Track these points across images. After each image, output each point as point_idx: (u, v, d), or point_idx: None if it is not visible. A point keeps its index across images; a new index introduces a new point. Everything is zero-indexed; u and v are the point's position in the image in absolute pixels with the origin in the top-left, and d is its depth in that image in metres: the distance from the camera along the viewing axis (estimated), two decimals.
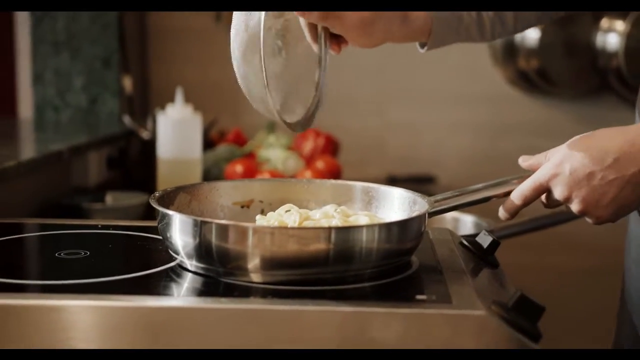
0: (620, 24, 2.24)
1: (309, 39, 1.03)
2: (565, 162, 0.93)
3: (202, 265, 0.90)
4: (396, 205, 1.05)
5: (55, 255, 1.00)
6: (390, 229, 0.91)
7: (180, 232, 0.91)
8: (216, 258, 0.88)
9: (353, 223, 0.97)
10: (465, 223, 1.64)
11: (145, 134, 1.89)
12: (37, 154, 1.54)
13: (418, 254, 0.98)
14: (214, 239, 0.87)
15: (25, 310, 0.81)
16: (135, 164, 1.95)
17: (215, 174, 1.86)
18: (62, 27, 2.10)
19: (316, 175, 1.79)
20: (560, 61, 2.28)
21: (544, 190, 0.96)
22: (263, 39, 0.93)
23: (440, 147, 2.42)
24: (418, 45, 1.11)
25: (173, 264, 0.95)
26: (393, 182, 2.17)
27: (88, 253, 1.01)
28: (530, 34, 2.23)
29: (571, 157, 0.92)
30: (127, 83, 2.14)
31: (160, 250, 1.02)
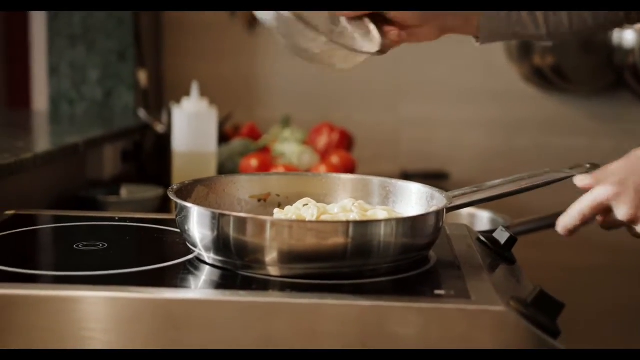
0: None
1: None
2: (628, 179, 0.85)
3: (220, 258, 0.90)
4: (414, 200, 1.05)
5: (74, 247, 1.00)
6: (408, 223, 0.91)
7: (198, 225, 0.91)
8: (234, 251, 0.88)
9: (371, 217, 0.97)
10: (482, 219, 1.64)
11: (160, 128, 1.89)
12: (53, 146, 1.54)
13: (436, 249, 0.98)
14: (232, 231, 0.87)
15: (45, 301, 0.81)
16: (149, 157, 1.95)
17: (229, 168, 1.86)
18: (78, 21, 2.11)
19: (331, 170, 1.79)
20: (576, 58, 2.27)
21: (604, 209, 0.89)
22: None
23: (454, 144, 2.41)
24: (473, 39, 1.10)
25: (191, 256, 0.95)
26: (406, 179, 2.17)
27: (106, 245, 1.01)
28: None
29: (635, 173, 0.85)
30: (142, 76, 2.14)
31: (177, 243, 1.02)
